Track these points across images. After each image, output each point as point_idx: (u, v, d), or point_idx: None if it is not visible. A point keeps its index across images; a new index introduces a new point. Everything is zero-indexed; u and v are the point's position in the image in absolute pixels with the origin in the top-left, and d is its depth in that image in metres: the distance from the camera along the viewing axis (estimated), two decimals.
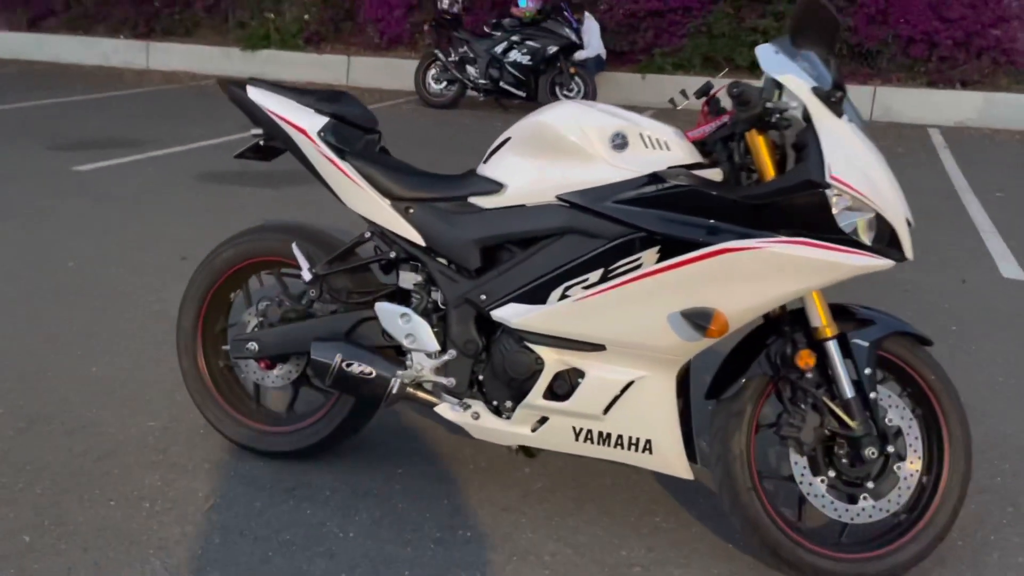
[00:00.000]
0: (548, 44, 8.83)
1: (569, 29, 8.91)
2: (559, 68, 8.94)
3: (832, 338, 1.94)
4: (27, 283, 3.75)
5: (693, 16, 10.00)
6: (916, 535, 1.99)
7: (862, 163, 1.84)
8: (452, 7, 9.22)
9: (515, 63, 8.91)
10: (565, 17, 8.92)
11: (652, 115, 2.18)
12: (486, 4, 10.49)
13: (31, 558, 2.00)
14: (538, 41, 8.85)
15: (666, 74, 10.12)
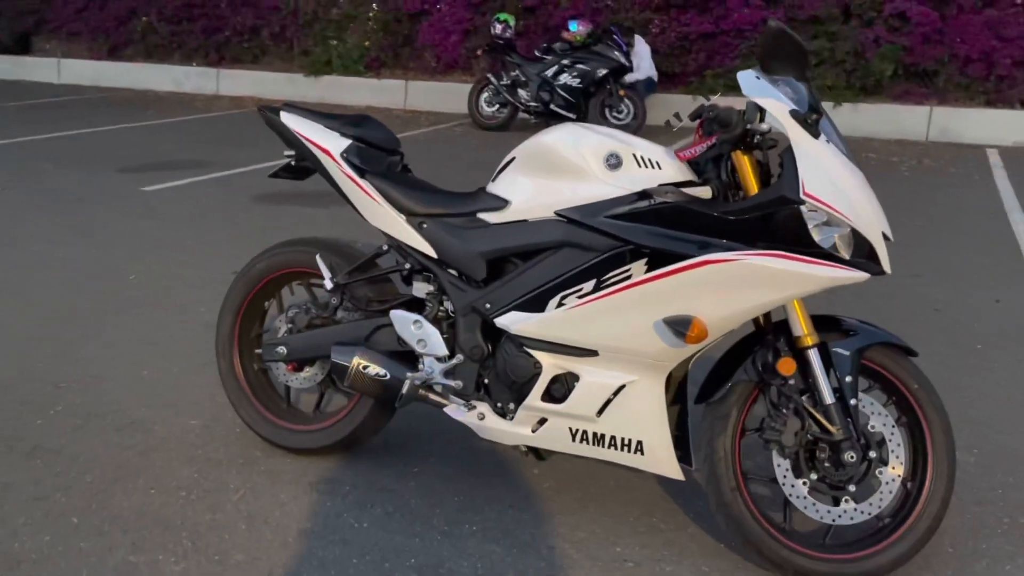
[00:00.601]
0: (598, 67, 9.00)
1: (619, 52, 9.06)
2: (609, 90, 9.10)
3: (813, 347, 2.04)
4: (93, 295, 4.05)
5: (745, 37, 10.05)
6: (897, 539, 2.07)
7: (837, 181, 1.94)
8: (505, 32, 9.47)
9: (565, 86, 9.10)
10: (615, 40, 9.08)
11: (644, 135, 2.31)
12: (539, 29, 10.71)
13: (77, 537, 2.22)
14: (588, 64, 9.03)
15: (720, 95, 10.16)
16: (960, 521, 2.38)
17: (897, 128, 9.39)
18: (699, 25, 10.10)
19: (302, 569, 2.12)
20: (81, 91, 12.82)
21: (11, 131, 8.89)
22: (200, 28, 12.77)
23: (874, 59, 9.41)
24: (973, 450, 2.78)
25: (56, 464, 2.56)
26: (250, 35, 12.57)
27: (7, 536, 2.21)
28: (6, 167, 7.06)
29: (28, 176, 6.75)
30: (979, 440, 2.84)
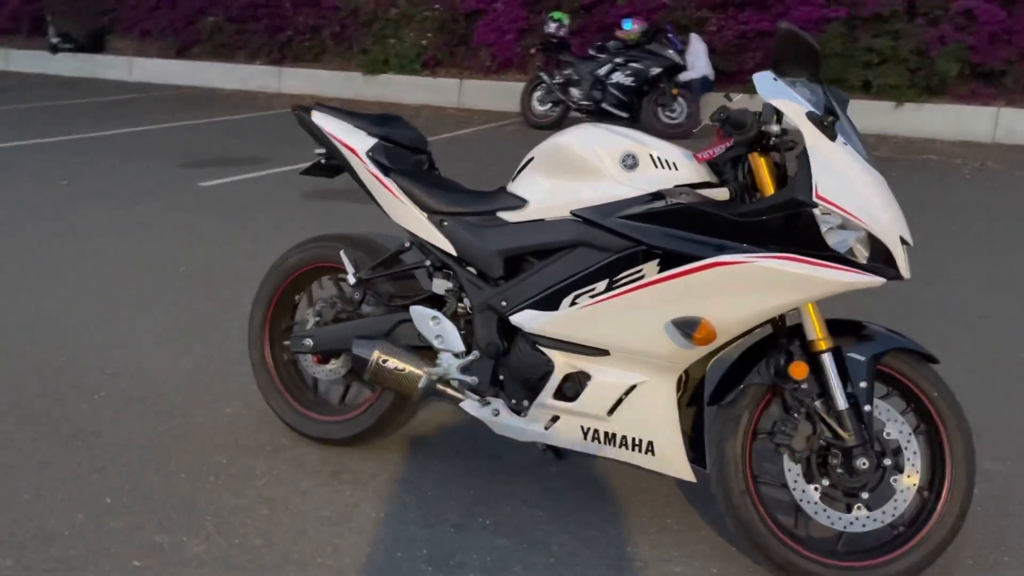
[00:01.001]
0: (651, 66, 8.95)
1: (673, 51, 9.00)
2: (662, 89, 9.04)
3: (827, 351, 2.02)
4: (144, 286, 4.20)
5: None
6: (911, 549, 2.04)
7: (853, 183, 1.92)
8: (559, 31, 9.48)
9: (618, 84, 9.07)
10: (669, 39, 9.01)
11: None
12: (595, 27, 10.69)
13: (108, 516, 2.32)
14: (641, 63, 8.98)
15: None
16: (984, 533, 2.33)
17: (962, 129, 9.12)
18: (757, 23, 9.97)
19: (317, 555, 2.19)
20: (150, 89, 13.24)
21: (82, 127, 9.24)
22: (264, 27, 13.07)
23: (939, 58, 9.16)
24: (1006, 460, 2.71)
25: (96, 446, 2.68)
26: (311, 34, 12.82)
27: (44, 512, 2.32)
28: (74, 161, 7.35)
29: (93, 170, 7.02)
30: (1013, 450, 2.77)
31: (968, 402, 3.05)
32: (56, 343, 3.46)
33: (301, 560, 2.17)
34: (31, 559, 2.13)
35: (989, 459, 2.72)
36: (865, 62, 9.59)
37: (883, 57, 9.43)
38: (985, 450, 2.76)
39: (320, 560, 2.17)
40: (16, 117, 9.91)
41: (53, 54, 15.14)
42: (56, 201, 5.92)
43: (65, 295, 4.03)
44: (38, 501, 2.37)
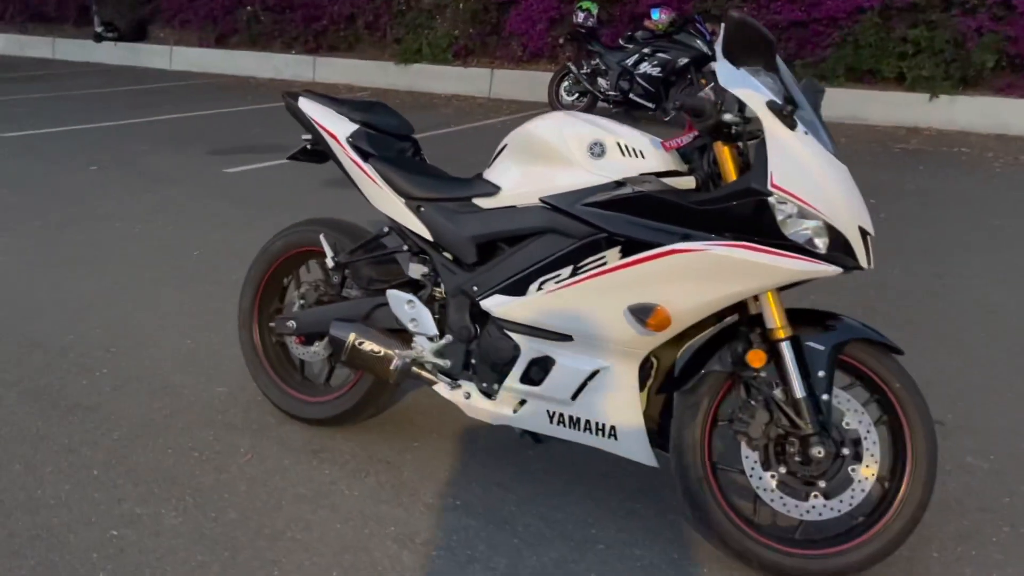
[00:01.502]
0: (679, 56, 8.88)
1: (702, 41, 8.91)
2: (690, 80, 8.96)
3: (786, 339, 2.02)
4: (157, 269, 4.31)
5: (839, 26, 9.72)
6: (868, 539, 2.03)
7: (811, 173, 1.92)
8: (587, 21, 9.45)
9: (645, 75, 9.02)
10: (698, 29, 8.93)
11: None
12: (626, 17, 10.64)
13: (94, 487, 2.41)
14: (669, 53, 8.92)
15: None
16: (956, 526, 2.32)
17: (997, 122, 8.91)
18: (789, 13, 9.84)
19: (288, 529, 2.25)
20: (189, 77, 13.48)
21: (118, 114, 9.46)
22: (300, 17, 13.22)
23: (975, 49, 8.95)
24: (990, 455, 2.68)
25: (90, 420, 2.78)
26: (346, 24, 12.94)
27: (34, 483, 2.42)
28: (107, 147, 7.54)
29: (124, 156, 7.19)
30: (1000, 446, 2.73)
31: (960, 396, 3.04)
32: (65, 322, 3.58)
33: (272, 534, 2.23)
34: (16, 525, 2.23)
35: (972, 454, 2.69)
36: (900, 53, 9.42)
37: (918, 48, 9.25)
38: (971, 446, 2.75)
39: (290, 534, 2.23)
40: (58, 104, 10.17)
41: (97, 43, 15.49)
42: (83, 186, 6.09)
43: (79, 277, 4.16)
44: (29, 472, 2.47)
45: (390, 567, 2.11)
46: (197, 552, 2.15)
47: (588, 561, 2.16)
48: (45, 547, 2.14)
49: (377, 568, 2.11)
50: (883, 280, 4.38)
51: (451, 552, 2.18)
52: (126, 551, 2.14)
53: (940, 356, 3.44)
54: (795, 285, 2.09)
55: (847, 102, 9.66)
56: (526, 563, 2.14)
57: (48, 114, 9.35)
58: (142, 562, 2.10)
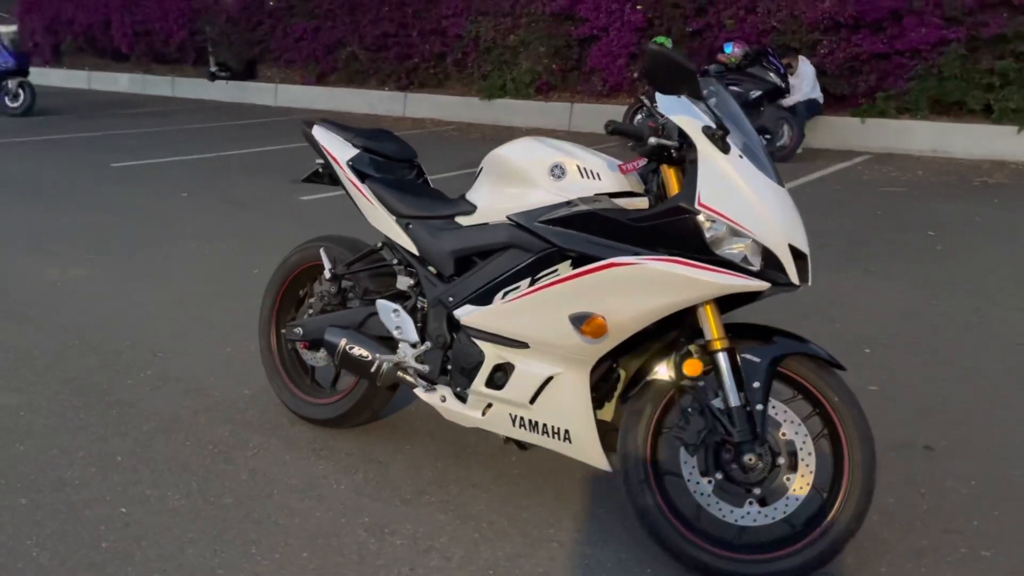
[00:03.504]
0: (751, 89, 8.90)
1: (775, 74, 8.92)
2: (762, 112, 8.96)
3: (722, 351, 2.13)
4: (217, 284, 4.69)
5: (922, 58, 9.53)
6: (801, 548, 2.09)
7: (741, 193, 2.03)
8: None
9: None
10: (771, 62, 8.94)
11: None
12: (704, 51, 10.71)
13: (114, 471, 2.70)
14: (741, 86, 8.94)
15: (889, 118, 9.73)
16: (914, 544, 2.34)
17: None
18: (871, 45, 9.71)
19: (273, 515, 2.47)
20: (291, 113, 14.27)
21: (219, 146, 10.15)
22: (394, 55, 13.84)
23: None
24: (971, 481, 2.67)
25: (126, 415, 3.09)
26: (436, 61, 13.46)
27: (64, 465, 2.73)
28: (202, 176, 8.13)
29: (214, 184, 7.75)
30: (985, 474, 2.72)
31: (960, 423, 3.02)
32: (124, 329, 3.95)
33: (259, 518, 2.46)
34: (41, 499, 2.53)
35: (954, 479, 2.69)
36: (986, 84, 9.15)
37: (1005, 79, 8.97)
38: (955, 471, 2.74)
39: (274, 519, 2.45)
40: (167, 137, 10.98)
41: (212, 82, 16.58)
42: (172, 210, 6.61)
43: (146, 289, 4.57)
44: (63, 456, 2.79)
45: (355, 552, 2.30)
46: (189, 530, 2.39)
47: (539, 557, 2.29)
48: (62, 519, 2.43)
49: (343, 552, 2.30)
50: (920, 309, 4.33)
51: (413, 542, 2.35)
52: (130, 526, 2.41)
53: (950, 384, 3.41)
54: (748, 301, 2.20)
55: (930, 135, 9.45)
56: (480, 555, 2.30)
57: (157, 146, 10.12)
58: (140, 535, 2.36)
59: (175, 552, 2.29)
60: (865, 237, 5.90)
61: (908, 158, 9.35)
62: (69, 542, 2.32)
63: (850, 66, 9.89)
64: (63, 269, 4.94)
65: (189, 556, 2.27)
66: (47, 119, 12.71)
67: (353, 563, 2.26)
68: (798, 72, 9.32)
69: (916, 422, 3.08)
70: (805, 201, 7.05)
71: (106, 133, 11.34)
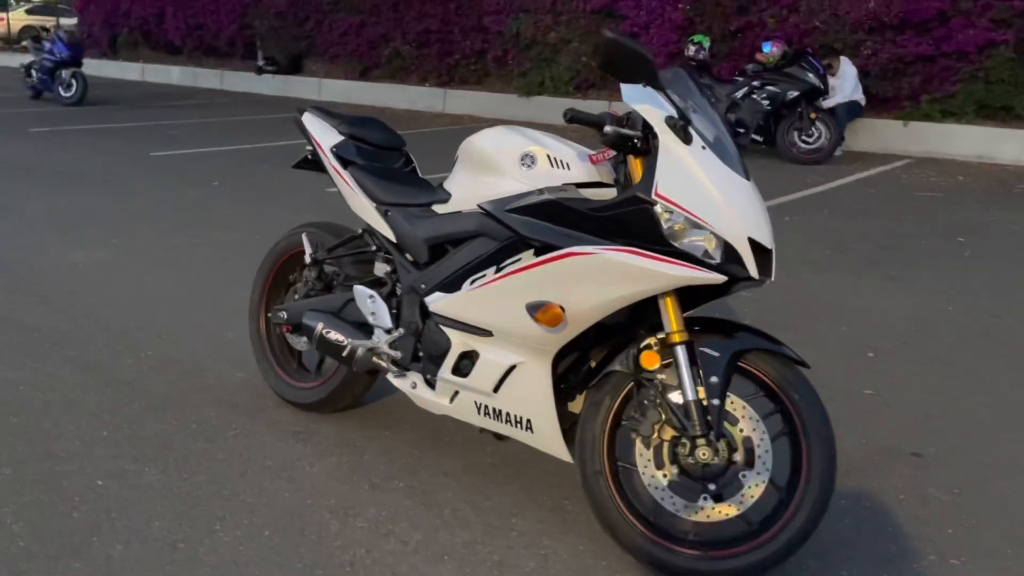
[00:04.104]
0: (788, 89, 8.77)
1: (814, 75, 8.76)
2: (800, 113, 8.82)
3: (680, 344, 2.10)
4: (232, 271, 4.77)
5: (969, 61, 9.28)
6: (756, 546, 2.06)
7: (700, 185, 2.00)
8: (697, 54, 9.49)
9: (753, 107, 8.94)
10: (810, 62, 8.79)
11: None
12: (746, 51, 10.56)
13: (99, 446, 2.77)
14: (778, 86, 8.82)
15: (933, 121, 9.49)
16: (882, 550, 2.29)
17: None
18: (916, 47, 9.47)
19: (243, 493, 2.51)
20: (334, 107, 14.41)
21: (258, 138, 10.32)
22: (435, 52, 13.92)
23: None
24: (954, 490, 2.60)
25: (120, 392, 3.17)
26: (476, 58, 13.50)
27: (55, 438, 2.81)
28: (236, 166, 8.28)
29: (246, 174, 7.88)
30: (970, 483, 2.64)
31: (956, 431, 2.94)
32: (134, 311, 4.05)
33: (228, 496, 2.50)
34: (24, 470, 2.61)
35: (936, 487, 2.62)
36: None
37: None
38: (939, 479, 2.67)
39: (242, 497, 2.49)
40: (210, 129, 11.21)
41: (258, 75, 16.85)
42: (202, 199, 6.75)
43: (164, 274, 4.67)
44: (54, 429, 2.87)
45: (316, 532, 2.33)
46: (159, 504, 2.44)
47: (495, 545, 2.29)
48: (40, 489, 2.50)
49: (304, 532, 2.33)
50: (934, 316, 4.23)
51: (374, 525, 2.37)
52: (103, 497, 2.47)
53: (951, 392, 3.32)
54: (715, 296, 2.17)
55: (975, 140, 9.20)
56: (438, 541, 2.30)
57: (199, 137, 10.33)
58: (111, 507, 2.42)
59: (141, 525, 2.34)
60: (892, 242, 5.76)
61: (951, 163, 9.11)
62: (44, 512, 2.39)
63: (894, 68, 9.66)
64: (88, 252, 5.08)
65: (154, 529, 2.32)
66: (98, 109, 13.05)
67: (312, 543, 2.28)
68: (840, 73, 9.14)
69: (908, 429, 3.01)
70: (836, 203, 6.92)
71: (151, 123, 11.61)
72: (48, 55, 13.30)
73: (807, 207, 6.76)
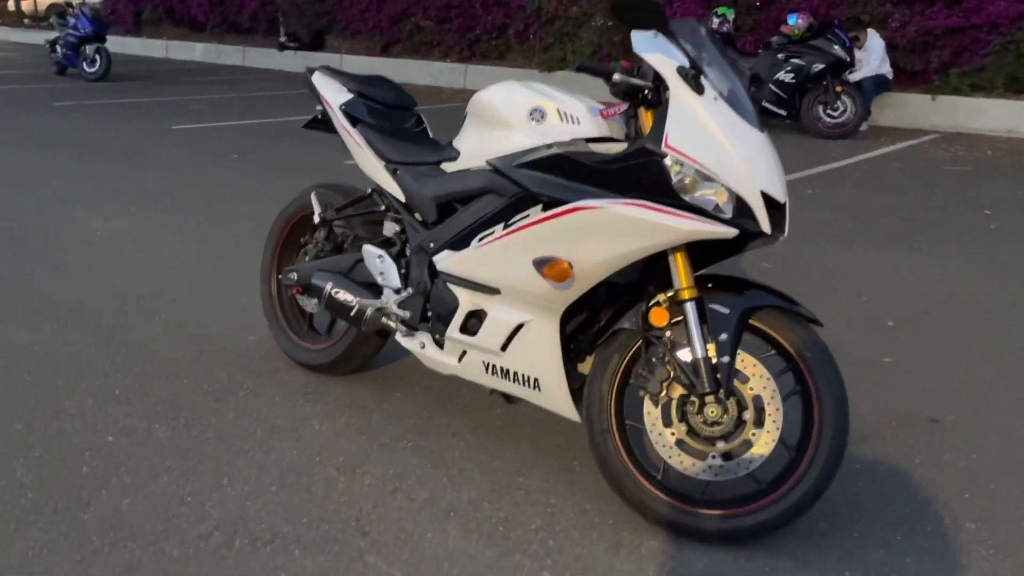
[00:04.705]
0: (814, 62, 8.61)
1: (840, 47, 8.60)
2: (825, 86, 8.67)
3: (690, 300, 2.06)
4: (248, 241, 4.75)
5: (1000, 33, 9.07)
6: (765, 505, 2.03)
7: (712, 136, 1.95)
8: (721, 26, 9.35)
9: (777, 81, 8.80)
10: (836, 35, 8.62)
11: None
12: (771, 23, 10.38)
13: (110, 404, 2.78)
14: (804, 59, 8.66)
15: (962, 95, 9.30)
16: (896, 512, 2.24)
17: None
18: (946, 19, 9.27)
19: (251, 451, 2.51)
20: None
21: (279, 113, 10.32)
22: (456, 27, 13.83)
23: None
24: (971, 455, 2.55)
25: (131, 355, 3.18)
26: (497, 33, 13.40)
27: (64, 396, 2.82)
28: (256, 140, 8.29)
29: (266, 148, 7.88)
30: (987, 449, 2.59)
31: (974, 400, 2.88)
32: (149, 279, 4.06)
33: (237, 452, 2.50)
34: (36, 425, 2.62)
35: (952, 452, 2.57)
36: None
37: None
38: (955, 445, 2.62)
39: (251, 454, 2.49)
40: (231, 104, 11.23)
41: (280, 52, 16.84)
42: (220, 172, 6.76)
43: (181, 244, 4.68)
44: (65, 388, 2.88)
45: (322, 488, 2.32)
46: (167, 460, 2.45)
47: (501, 503, 2.27)
48: (51, 444, 2.51)
49: (311, 488, 2.32)
50: (958, 288, 4.15)
51: (381, 483, 2.36)
52: (112, 453, 2.47)
53: (971, 362, 3.25)
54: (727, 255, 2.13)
55: (1005, 114, 9.00)
56: (444, 498, 2.29)
57: (219, 112, 10.35)
58: (120, 462, 2.43)
59: (149, 479, 2.34)
60: (917, 215, 5.66)
61: (980, 138, 8.93)
62: (53, 465, 2.40)
63: (923, 41, 9.47)
64: (106, 221, 5.10)
65: (162, 483, 2.33)
66: (121, 84, 13.11)
67: (318, 498, 2.27)
68: (866, 46, 8.97)
69: (926, 396, 2.95)
70: (860, 177, 6.81)
71: (173, 99, 11.64)
72: (72, 31, 13.36)
73: (831, 181, 6.65)
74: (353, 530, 2.14)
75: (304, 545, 2.08)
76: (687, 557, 2.05)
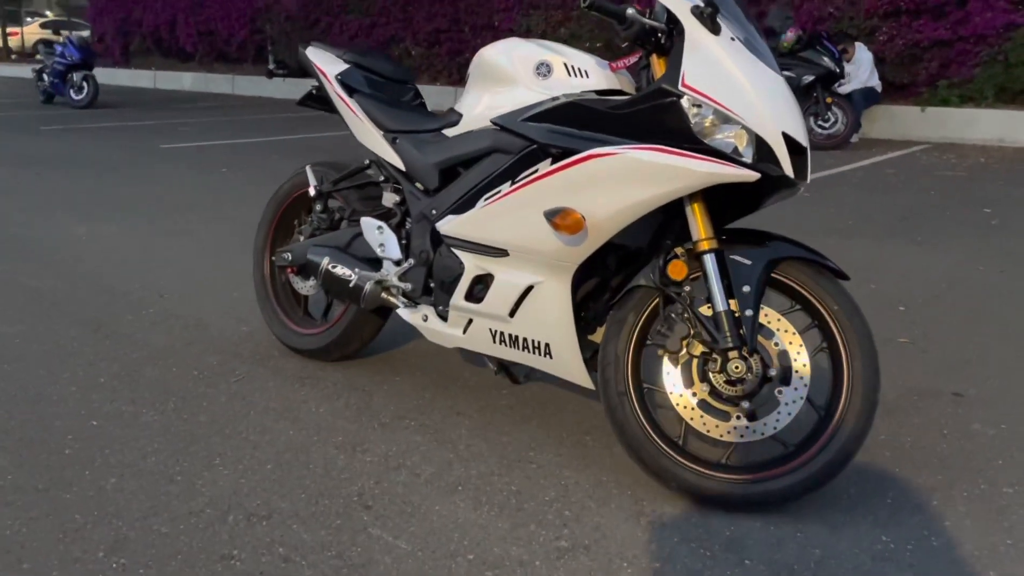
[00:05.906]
0: (803, 73, 8.61)
1: (829, 59, 8.61)
2: (815, 98, 8.67)
3: (709, 252, 1.95)
4: (236, 241, 4.65)
5: (988, 44, 9.12)
6: (793, 469, 1.91)
7: (731, 77, 1.86)
8: None
9: None
10: (825, 47, 8.64)
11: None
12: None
13: (95, 390, 2.64)
14: (793, 71, 8.65)
15: (951, 107, 9.32)
16: (928, 480, 2.13)
17: None
18: (933, 31, 9.32)
19: (247, 432, 2.37)
20: None
21: (267, 134, 10.25)
22: (445, 51, 13.86)
23: None
24: (1001, 424, 2.44)
25: (120, 344, 3.04)
26: None
27: (49, 383, 2.68)
28: (245, 157, 8.19)
29: (254, 163, 7.78)
30: (1015, 417, 2.48)
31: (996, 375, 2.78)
32: (139, 275, 3.93)
33: (230, 434, 2.36)
34: (15, 411, 2.48)
35: (981, 422, 2.46)
36: None
37: None
38: (982, 415, 2.51)
39: (245, 436, 2.35)
40: (219, 126, 11.14)
41: (269, 79, 16.79)
42: (209, 183, 6.64)
43: (170, 245, 4.55)
44: (48, 376, 2.74)
45: (321, 466, 2.19)
46: (156, 441, 2.31)
47: (513, 476, 2.14)
48: (33, 428, 2.37)
49: (309, 466, 2.19)
50: (965, 275, 4.06)
51: (384, 460, 2.22)
52: (97, 437, 2.33)
53: (987, 340, 3.16)
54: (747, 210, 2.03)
55: (996, 123, 9.02)
56: (452, 473, 2.16)
57: (207, 133, 10.26)
58: (105, 444, 2.28)
59: (136, 459, 2.20)
60: (916, 213, 5.60)
61: (971, 147, 8.94)
62: (33, 448, 2.26)
63: (911, 53, 9.51)
64: (93, 226, 4.97)
65: (149, 463, 2.18)
66: (109, 111, 13.02)
67: (317, 475, 2.14)
68: (855, 59, 8.99)
69: (947, 372, 2.85)
70: (856, 182, 6.76)
71: (162, 122, 11.56)
72: (59, 58, 13.28)
73: (827, 184, 6.60)
74: (356, 504, 2.01)
75: (303, 519, 1.94)
76: (712, 524, 1.93)
